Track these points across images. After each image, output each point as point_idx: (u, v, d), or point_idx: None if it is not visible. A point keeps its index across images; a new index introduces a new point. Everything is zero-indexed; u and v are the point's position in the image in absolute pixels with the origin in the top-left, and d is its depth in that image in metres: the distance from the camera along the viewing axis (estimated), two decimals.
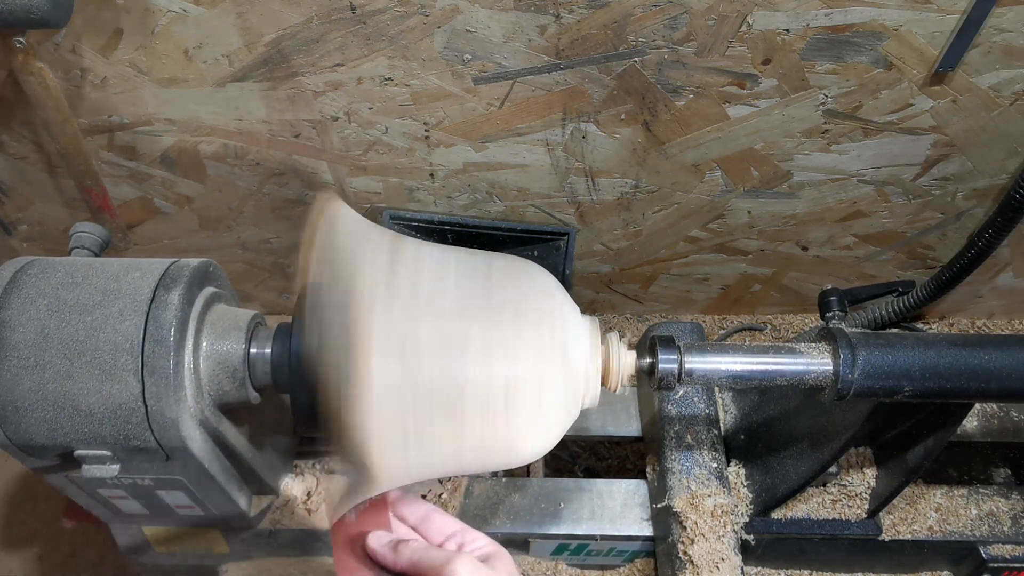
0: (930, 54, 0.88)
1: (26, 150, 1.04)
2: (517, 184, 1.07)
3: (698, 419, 0.96)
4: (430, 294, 0.61)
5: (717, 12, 0.84)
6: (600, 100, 0.94)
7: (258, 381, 0.72)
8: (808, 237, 1.16)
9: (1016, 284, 1.25)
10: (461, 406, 0.60)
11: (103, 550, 1.23)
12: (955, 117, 0.96)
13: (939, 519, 0.93)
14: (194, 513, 0.82)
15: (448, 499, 0.96)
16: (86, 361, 0.64)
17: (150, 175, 1.07)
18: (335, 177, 1.07)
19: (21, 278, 0.67)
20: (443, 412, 0.59)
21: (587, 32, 0.87)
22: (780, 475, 0.88)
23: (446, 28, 0.87)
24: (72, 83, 0.94)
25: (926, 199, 1.08)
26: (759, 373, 0.70)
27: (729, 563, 0.85)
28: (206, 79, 0.93)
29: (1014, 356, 0.68)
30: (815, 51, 0.88)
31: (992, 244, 1.03)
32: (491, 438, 0.61)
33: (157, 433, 0.66)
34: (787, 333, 1.34)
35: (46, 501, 1.26)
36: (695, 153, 1.02)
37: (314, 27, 0.87)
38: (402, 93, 0.94)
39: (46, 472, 0.72)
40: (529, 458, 0.65)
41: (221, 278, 0.76)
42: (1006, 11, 0.83)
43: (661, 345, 0.69)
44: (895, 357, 0.68)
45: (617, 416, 1.07)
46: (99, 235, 0.80)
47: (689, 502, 0.88)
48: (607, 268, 1.24)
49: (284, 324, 0.72)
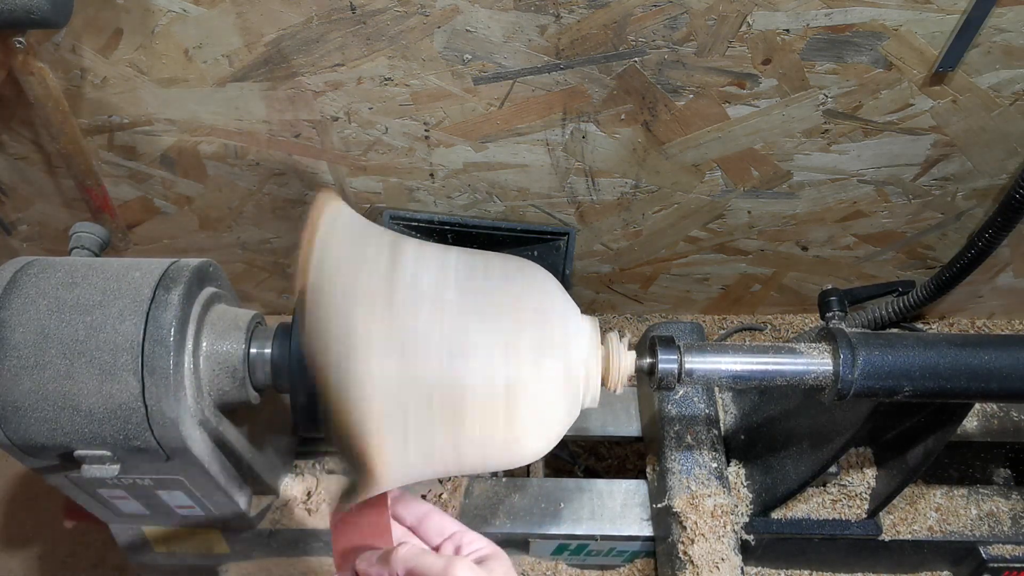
0: (930, 54, 0.88)
1: (26, 150, 1.04)
2: (517, 184, 1.07)
3: (698, 419, 0.96)
4: (430, 294, 0.61)
5: (717, 12, 0.84)
6: (600, 100, 0.94)
7: (258, 381, 0.72)
8: (808, 237, 1.16)
9: (1016, 284, 1.25)
10: (461, 406, 0.59)
11: (103, 550, 1.23)
12: (955, 117, 0.96)
13: (939, 519, 0.93)
14: (194, 513, 0.82)
15: (448, 499, 0.96)
16: (86, 361, 0.64)
17: (150, 175, 1.07)
18: (335, 177, 1.07)
19: (21, 278, 0.67)
20: (443, 412, 0.59)
21: (587, 32, 0.87)
22: (780, 475, 0.88)
23: (446, 28, 0.87)
24: (72, 83, 0.94)
25: (926, 199, 1.08)
26: (759, 373, 0.70)
27: (729, 563, 0.85)
28: (206, 79, 0.93)
29: (1014, 356, 0.68)
30: (815, 51, 0.88)
31: (992, 244, 1.03)
32: (491, 438, 0.61)
33: (157, 433, 0.66)
34: (787, 333, 1.34)
35: (46, 501, 1.26)
36: (695, 153, 1.02)
37: (314, 27, 0.87)
38: (402, 93, 0.94)
39: (46, 472, 0.72)
40: (529, 458, 0.65)
41: (221, 278, 0.76)
42: (1006, 11, 0.83)
43: (661, 345, 0.69)
44: (895, 357, 0.68)
45: (617, 416, 1.07)
46: (99, 235, 0.80)
47: (689, 502, 0.88)
48: (607, 268, 1.24)
49: (284, 324, 0.72)
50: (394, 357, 0.58)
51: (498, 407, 0.60)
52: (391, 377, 0.58)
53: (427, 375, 0.59)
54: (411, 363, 0.58)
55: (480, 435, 0.61)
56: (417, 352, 0.59)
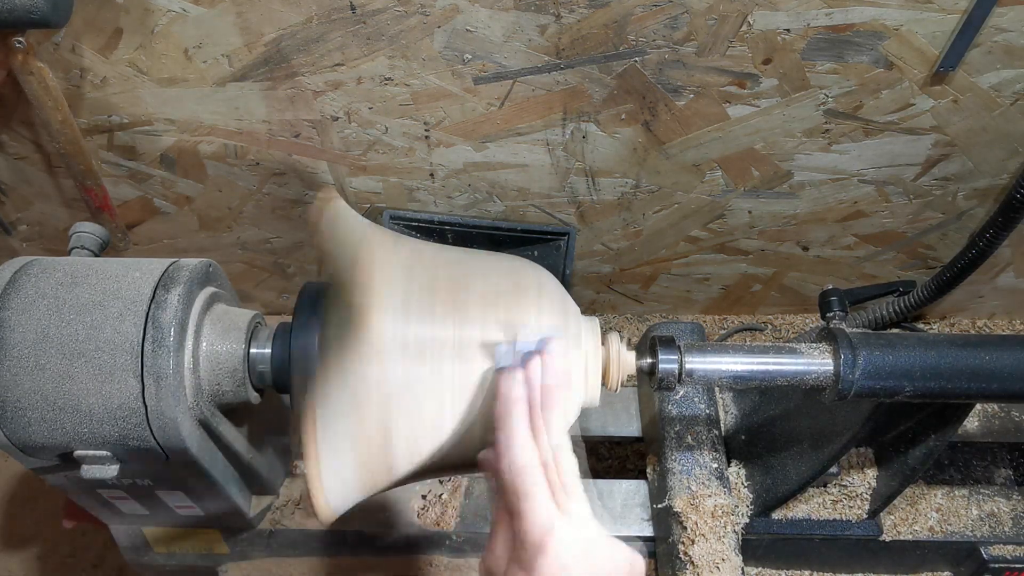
0: (931, 54, 0.88)
1: (26, 150, 1.04)
2: (517, 184, 1.07)
3: (698, 419, 0.96)
4: (429, 294, 0.61)
5: (717, 12, 0.84)
6: (600, 100, 0.94)
7: (258, 381, 0.72)
8: (808, 237, 1.16)
9: (1017, 284, 1.25)
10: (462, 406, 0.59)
11: (103, 550, 1.23)
12: (956, 117, 0.96)
13: (940, 519, 0.93)
14: (194, 513, 0.82)
15: (448, 499, 0.96)
16: (86, 361, 0.64)
17: (150, 175, 1.07)
18: (335, 177, 1.07)
19: (21, 278, 0.67)
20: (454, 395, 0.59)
21: (587, 32, 0.86)
22: (781, 475, 0.88)
23: (446, 28, 0.87)
24: (72, 83, 0.94)
25: (927, 199, 1.08)
26: (760, 373, 0.69)
27: (729, 563, 0.85)
28: (206, 79, 0.93)
29: (1015, 356, 0.68)
30: (816, 51, 0.88)
31: (993, 244, 1.03)
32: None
33: (157, 433, 0.66)
34: (787, 333, 1.34)
35: (46, 501, 1.26)
36: (695, 153, 1.01)
37: (314, 27, 0.87)
38: (402, 93, 0.94)
39: (46, 472, 0.72)
40: None
41: (221, 278, 0.76)
42: (1007, 11, 0.83)
43: (661, 345, 0.69)
44: (896, 357, 0.68)
45: (617, 416, 1.07)
46: (99, 235, 0.80)
47: (689, 502, 0.88)
48: (607, 268, 1.24)
49: (284, 324, 0.72)
50: (395, 358, 0.58)
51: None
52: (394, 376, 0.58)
53: (427, 375, 0.59)
54: (410, 363, 0.58)
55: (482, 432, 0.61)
56: (416, 352, 0.59)
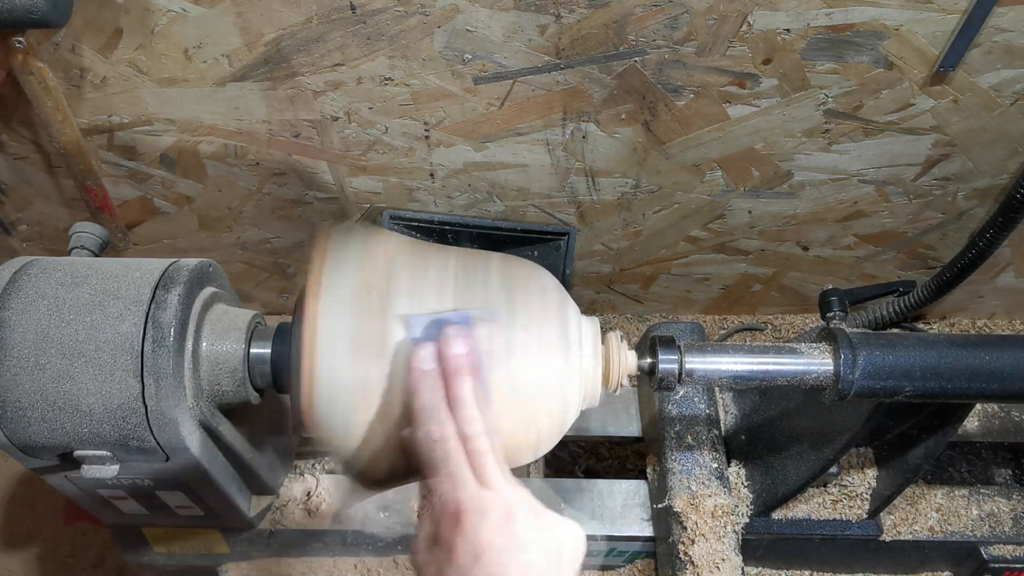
0: (931, 54, 0.88)
1: (26, 150, 1.04)
2: (517, 184, 1.07)
3: (698, 419, 0.96)
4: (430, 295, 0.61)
5: (717, 12, 0.84)
6: (600, 100, 0.94)
7: (258, 381, 0.72)
8: (809, 237, 1.16)
9: (1017, 284, 1.25)
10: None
11: (103, 550, 1.23)
12: (956, 117, 0.96)
13: (940, 519, 0.93)
14: (194, 513, 0.82)
15: None
16: (86, 361, 0.64)
17: (150, 175, 1.07)
18: (335, 177, 1.06)
19: (21, 278, 0.67)
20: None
21: (587, 32, 0.86)
22: (781, 475, 0.88)
23: (446, 28, 0.87)
24: (72, 83, 0.94)
25: (927, 199, 1.08)
26: (760, 373, 0.69)
27: (729, 563, 0.85)
28: (206, 79, 0.93)
29: (1015, 356, 0.68)
30: (816, 51, 0.88)
31: (993, 244, 1.03)
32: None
33: (157, 433, 0.66)
34: (787, 333, 1.34)
35: (46, 501, 1.26)
36: (695, 153, 1.01)
37: (314, 27, 0.87)
38: (402, 93, 0.94)
39: (46, 472, 0.72)
40: (529, 458, 0.65)
41: (221, 278, 0.76)
42: (1007, 11, 0.83)
43: (661, 345, 0.69)
44: (896, 357, 0.68)
45: (617, 416, 1.07)
46: (99, 235, 0.80)
47: (690, 502, 0.88)
48: (607, 268, 1.24)
49: (284, 324, 0.72)
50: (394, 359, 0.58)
51: (501, 406, 0.60)
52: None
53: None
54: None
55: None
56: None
